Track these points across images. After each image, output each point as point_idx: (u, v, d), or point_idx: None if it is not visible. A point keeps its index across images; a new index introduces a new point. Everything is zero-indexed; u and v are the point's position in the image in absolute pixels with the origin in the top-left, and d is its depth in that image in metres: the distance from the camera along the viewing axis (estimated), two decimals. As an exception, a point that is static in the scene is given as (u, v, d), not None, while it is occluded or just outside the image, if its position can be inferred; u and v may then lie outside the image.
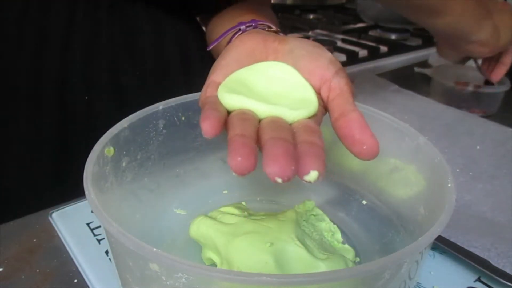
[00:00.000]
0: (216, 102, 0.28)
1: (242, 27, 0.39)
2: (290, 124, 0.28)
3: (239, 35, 0.38)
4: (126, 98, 0.52)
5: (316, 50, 0.33)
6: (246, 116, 0.27)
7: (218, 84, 0.30)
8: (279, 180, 0.22)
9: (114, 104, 0.51)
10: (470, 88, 0.69)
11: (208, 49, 0.44)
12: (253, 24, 0.39)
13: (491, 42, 0.54)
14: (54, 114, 0.50)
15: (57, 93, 0.49)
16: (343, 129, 0.28)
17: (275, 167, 0.22)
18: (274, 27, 0.40)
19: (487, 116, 0.69)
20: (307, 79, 0.32)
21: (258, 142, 0.25)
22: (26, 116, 0.49)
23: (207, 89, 0.31)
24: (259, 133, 0.26)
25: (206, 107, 0.27)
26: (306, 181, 0.22)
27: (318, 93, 0.31)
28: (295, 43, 0.33)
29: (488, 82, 0.71)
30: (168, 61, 0.55)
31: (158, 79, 0.54)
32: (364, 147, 0.27)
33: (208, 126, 0.24)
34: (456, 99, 0.71)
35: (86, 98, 0.50)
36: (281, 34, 0.39)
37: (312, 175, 0.22)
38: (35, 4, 0.46)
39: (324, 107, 0.31)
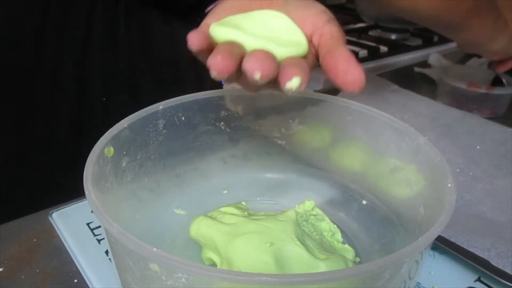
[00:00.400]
0: (206, 32, 0.29)
1: None
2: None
3: None
4: (142, 99, 0.52)
5: (309, 2, 0.34)
6: (234, 45, 0.27)
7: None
8: (257, 75, 0.22)
9: (131, 104, 0.52)
10: (483, 90, 0.69)
11: (206, 11, 0.44)
12: None
13: (506, 51, 0.57)
14: (70, 115, 0.50)
15: (75, 94, 0.50)
16: (328, 62, 0.28)
17: (255, 62, 0.22)
18: None
19: (496, 118, 0.69)
20: (299, 26, 0.32)
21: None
22: (43, 117, 0.50)
23: (199, 29, 0.31)
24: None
25: (195, 31, 0.28)
26: (288, 90, 0.23)
27: (310, 40, 0.32)
28: None
29: (494, 83, 0.71)
30: (181, 62, 0.56)
31: (173, 80, 0.55)
32: (348, 75, 0.26)
33: (194, 38, 0.25)
34: (465, 100, 0.71)
35: (104, 99, 0.51)
36: None
37: (295, 81, 0.23)
38: (55, 7, 0.47)
39: (316, 55, 0.32)
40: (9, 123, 0.49)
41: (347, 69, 0.26)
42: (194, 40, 0.25)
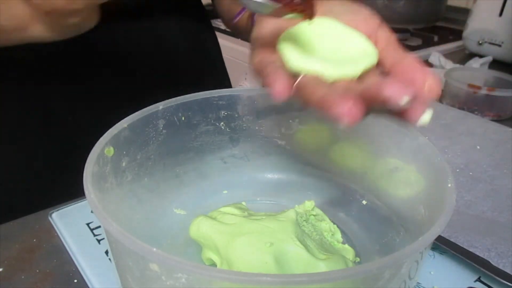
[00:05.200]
0: (279, 66, 0.27)
1: None
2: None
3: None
4: (142, 99, 0.53)
5: (354, 6, 0.33)
6: (319, 81, 0.26)
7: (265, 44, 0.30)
8: (406, 99, 0.21)
9: (131, 104, 0.52)
10: (483, 92, 0.69)
11: (234, 22, 0.42)
12: None
13: None
14: (59, 114, 0.50)
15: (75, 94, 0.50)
16: (401, 74, 0.27)
17: (398, 87, 0.21)
18: None
19: (500, 120, 0.68)
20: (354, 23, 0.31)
21: None
22: (43, 117, 0.50)
23: (257, 52, 0.30)
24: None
25: (270, 68, 0.26)
26: (421, 125, 0.22)
27: None
28: (332, 2, 0.33)
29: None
30: (181, 62, 0.56)
31: (173, 80, 0.55)
32: (426, 84, 0.25)
33: (280, 87, 0.23)
34: (468, 102, 0.71)
35: (104, 99, 0.51)
36: None
37: (427, 116, 0.22)
38: None
39: None
40: (8, 123, 0.49)
41: (424, 77, 0.25)
42: (280, 90, 0.23)
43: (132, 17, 0.51)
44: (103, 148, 0.31)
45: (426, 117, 0.22)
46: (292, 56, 0.28)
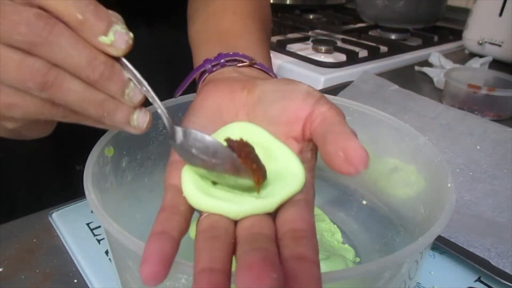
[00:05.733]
0: (177, 211, 0.24)
1: (208, 66, 0.35)
2: (274, 216, 0.23)
3: (203, 82, 0.35)
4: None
5: (289, 87, 0.28)
6: (216, 232, 0.22)
7: (183, 164, 0.26)
8: None
9: None
10: (483, 92, 0.69)
11: (176, 96, 0.38)
12: (220, 62, 0.34)
13: None
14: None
15: None
16: (326, 150, 0.23)
17: (248, 276, 0.18)
18: (246, 60, 0.35)
19: (500, 120, 0.69)
20: (285, 132, 0.27)
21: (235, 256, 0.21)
22: None
23: (172, 173, 0.26)
24: (236, 248, 0.21)
25: (160, 221, 0.22)
26: None
27: (302, 135, 0.27)
28: (263, 88, 0.29)
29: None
30: (181, 62, 0.56)
31: (173, 80, 0.55)
32: (346, 155, 0.22)
33: (149, 271, 0.19)
34: (468, 102, 0.71)
35: None
36: (257, 63, 0.35)
37: None
38: None
39: (315, 149, 0.27)
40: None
41: (346, 145, 0.22)
42: (148, 275, 0.19)
43: (133, 17, 0.51)
44: (103, 148, 0.31)
45: None
46: (193, 192, 0.24)
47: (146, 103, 0.26)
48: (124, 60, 0.24)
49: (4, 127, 0.27)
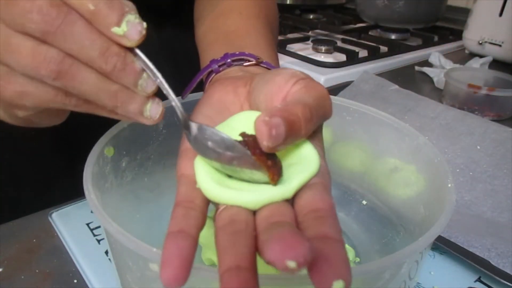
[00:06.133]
0: (193, 206, 0.23)
1: (214, 66, 0.35)
2: (292, 202, 0.23)
3: (210, 83, 0.35)
4: None
5: (275, 72, 0.28)
6: (237, 227, 0.21)
7: (195, 153, 0.26)
8: (292, 264, 0.16)
9: None
10: (483, 92, 0.69)
11: (182, 98, 0.37)
12: (226, 61, 0.35)
13: None
14: (70, 115, 0.50)
15: None
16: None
17: (279, 247, 0.17)
18: (252, 59, 0.35)
19: (500, 120, 0.69)
20: (268, 104, 0.27)
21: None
22: None
23: (183, 163, 0.26)
24: (257, 239, 0.20)
25: (176, 218, 0.22)
26: None
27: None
28: (256, 78, 0.30)
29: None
30: (181, 62, 0.56)
31: (173, 80, 0.55)
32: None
33: (170, 275, 0.19)
34: (468, 102, 0.71)
35: None
36: (263, 62, 0.35)
37: (337, 286, 0.17)
38: None
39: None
40: (8, 124, 0.49)
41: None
42: (170, 279, 0.19)
43: (140, 18, 0.51)
44: (103, 148, 0.31)
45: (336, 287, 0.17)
46: (208, 184, 0.23)
47: (160, 95, 0.26)
48: (137, 50, 0.24)
49: (15, 115, 0.27)
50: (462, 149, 0.57)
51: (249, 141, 0.23)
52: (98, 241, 0.41)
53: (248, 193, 0.23)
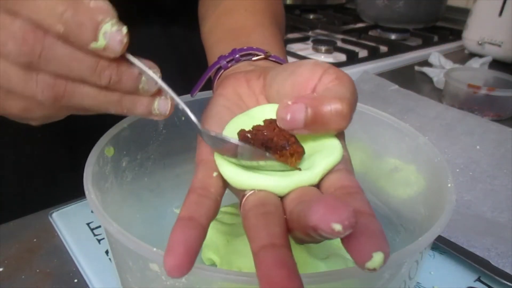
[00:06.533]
0: (207, 193, 0.23)
1: (223, 62, 0.35)
2: (318, 187, 0.23)
3: (219, 79, 0.35)
4: None
5: (296, 64, 0.28)
6: (267, 208, 0.21)
7: None
8: (338, 227, 0.16)
9: None
10: (483, 92, 0.69)
11: (192, 96, 0.38)
12: (235, 57, 0.34)
13: None
14: (70, 115, 0.50)
15: None
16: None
17: (323, 209, 0.16)
18: (261, 53, 0.34)
19: (500, 120, 0.68)
20: (297, 94, 0.26)
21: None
22: None
23: (202, 148, 0.26)
24: (288, 220, 0.20)
25: (188, 204, 0.21)
26: (369, 270, 0.16)
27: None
28: (274, 71, 0.29)
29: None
30: (180, 62, 0.56)
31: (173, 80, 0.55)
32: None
33: (173, 262, 0.18)
34: (468, 102, 0.71)
35: None
36: (271, 56, 0.34)
37: (377, 260, 0.16)
38: None
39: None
40: (8, 124, 0.49)
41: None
42: (172, 267, 0.18)
43: (147, 17, 0.51)
44: (103, 148, 0.31)
45: (376, 260, 0.16)
46: (232, 172, 0.23)
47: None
48: (130, 57, 0.23)
49: (29, 122, 0.26)
50: (462, 149, 0.57)
51: (255, 134, 0.24)
52: (99, 241, 0.41)
53: (275, 177, 0.23)
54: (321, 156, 0.24)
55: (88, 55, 0.21)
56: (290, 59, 0.94)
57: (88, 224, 0.42)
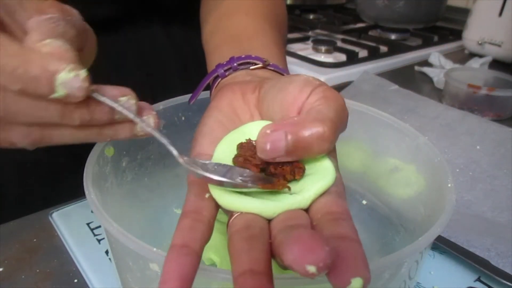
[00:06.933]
0: (200, 218, 0.22)
1: (220, 71, 0.34)
2: (307, 210, 0.23)
3: (216, 88, 0.34)
4: (143, 99, 0.52)
5: (287, 79, 0.27)
6: (252, 232, 0.21)
7: (205, 158, 0.26)
8: (312, 269, 0.15)
9: None
10: (483, 92, 0.69)
11: (190, 103, 0.37)
12: (232, 65, 0.34)
13: None
14: None
15: None
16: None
17: (298, 249, 0.16)
18: (259, 62, 0.34)
19: (500, 120, 0.68)
20: (285, 115, 0.26)
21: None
22: None
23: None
24: (272, 243, 0.20)
25: (182, 229, 0.21)
26: None
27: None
28: (266, 86, 0.29)
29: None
30: (180, 62, 0.56)
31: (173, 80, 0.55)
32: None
33: (173, 275, 0.18)
34: (468, 102, 0.71)
35: None
36: (270, 64, 0.34)
37: (355, 286, 0.16)
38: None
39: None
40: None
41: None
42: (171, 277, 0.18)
43: (149, 19, 0.51)
44: (103, 148, 0.31)
45: (354, 286, 0.16)
46: (222, 192, 0.23)
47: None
48: (96, 95, 0.22)
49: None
50: (462, 149, 0.57)
51: (243, 160, 0.24)
52: (99, 241, 0.41)
53: (264, 200, 0.22)
54: (313, 179, 0.23)
55: (52, 103, 0.21)
56: (290, 59, 0.94)
57: (88, 224, 0.43)
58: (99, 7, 0.46)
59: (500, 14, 0.93)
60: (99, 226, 0.42)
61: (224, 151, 0.26)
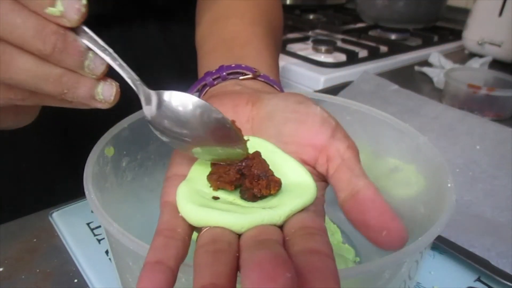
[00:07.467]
0: (174, 235, 0.21)
1: (209, 80, 0.33)
2: (281, 227, 0.22)
3: (204, 97, 0.33)
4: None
5: (301, 107, 0.26)
6: (219, 246, 0.20)
7: (181, 179, 0.25)
8: None
9: (131, 104, 0.52)
10: (483, 92, 0.69)
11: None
12: (221, 75, 0.33)
13: None
14: (70, 115, 0.50)
15: None
16: (354, 214, 0.22)
17: (257, 275, 0.15)
18: (249, 72, 0.33)
19: (500, 120, 0.68)
20: (296, 152, 0.26)
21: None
22: (42, 117, 0.49)
23: (167, 189, 0.25)
24: (239, 257, 0.19)
25: (155, 248, 0.20)
26: None
27: (313, 167, 0.26)
28: (273, 104, 0.27)
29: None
30: (180, 62, 0.56)
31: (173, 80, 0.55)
32: (384, 233, 0.21)
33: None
34: (468, 102, 0.71)
35: None
36: (260, 75, 0.33)
37: None
38: None
39: (325, 181, 0.26)
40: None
41: (379, 224, 0.21)
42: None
43: (145, 16, 0.51)
44: (103, 148, 0.31)
45: None
46: (189, 207, 0.22)
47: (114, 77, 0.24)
48: (84, 27, 0.21)
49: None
50: (462, 149, 0.57)
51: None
52: (99, 241, 0.41)
53: (233, 214, 0.21)
54: (291, 195, 0.23)
55: (36, 16, 0.20)
56: (290, 59, 0.94)
57: (88, 224, 0.43)
58: (92, 4, 0.47)
59: (500, 14, 0.93)
60: (99, 226, 0.42)
61: (198, 170, 0.26)
